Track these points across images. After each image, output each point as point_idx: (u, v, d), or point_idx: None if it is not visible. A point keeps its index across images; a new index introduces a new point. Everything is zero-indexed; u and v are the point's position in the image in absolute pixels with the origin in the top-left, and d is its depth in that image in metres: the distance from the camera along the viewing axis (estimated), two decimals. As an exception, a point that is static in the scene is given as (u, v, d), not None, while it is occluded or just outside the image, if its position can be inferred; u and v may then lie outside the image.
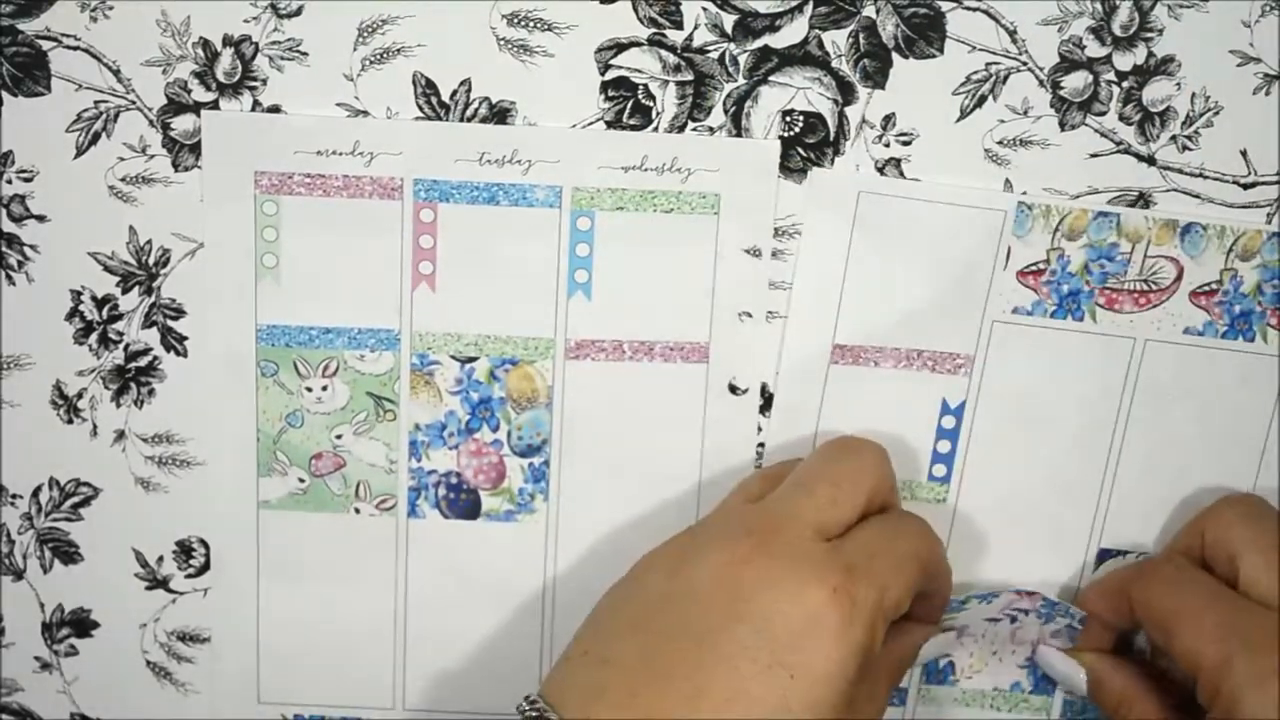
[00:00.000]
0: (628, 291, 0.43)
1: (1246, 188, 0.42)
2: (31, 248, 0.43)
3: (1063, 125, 0.42)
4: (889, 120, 0.42)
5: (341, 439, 0.44)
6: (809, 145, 0.42)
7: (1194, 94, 0.42)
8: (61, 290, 0.43)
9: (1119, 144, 0.42)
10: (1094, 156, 0.42)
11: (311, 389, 0.44)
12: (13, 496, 0.45)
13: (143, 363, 0.44)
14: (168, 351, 0.44)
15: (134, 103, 0.42)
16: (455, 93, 0.42)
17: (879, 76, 0.42)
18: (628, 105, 0.42)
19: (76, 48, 0.41)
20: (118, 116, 0.42)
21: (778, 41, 0.41)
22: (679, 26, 0.41)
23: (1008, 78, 0.42)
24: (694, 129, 0.42)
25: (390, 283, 0.43)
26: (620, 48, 0.41)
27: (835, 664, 0.35)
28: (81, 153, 0.42)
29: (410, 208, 0.42)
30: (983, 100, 0.42)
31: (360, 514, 0.45)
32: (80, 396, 0.44)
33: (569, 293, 0.43)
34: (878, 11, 0.41)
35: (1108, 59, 0.41)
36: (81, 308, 0.44)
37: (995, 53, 0.41)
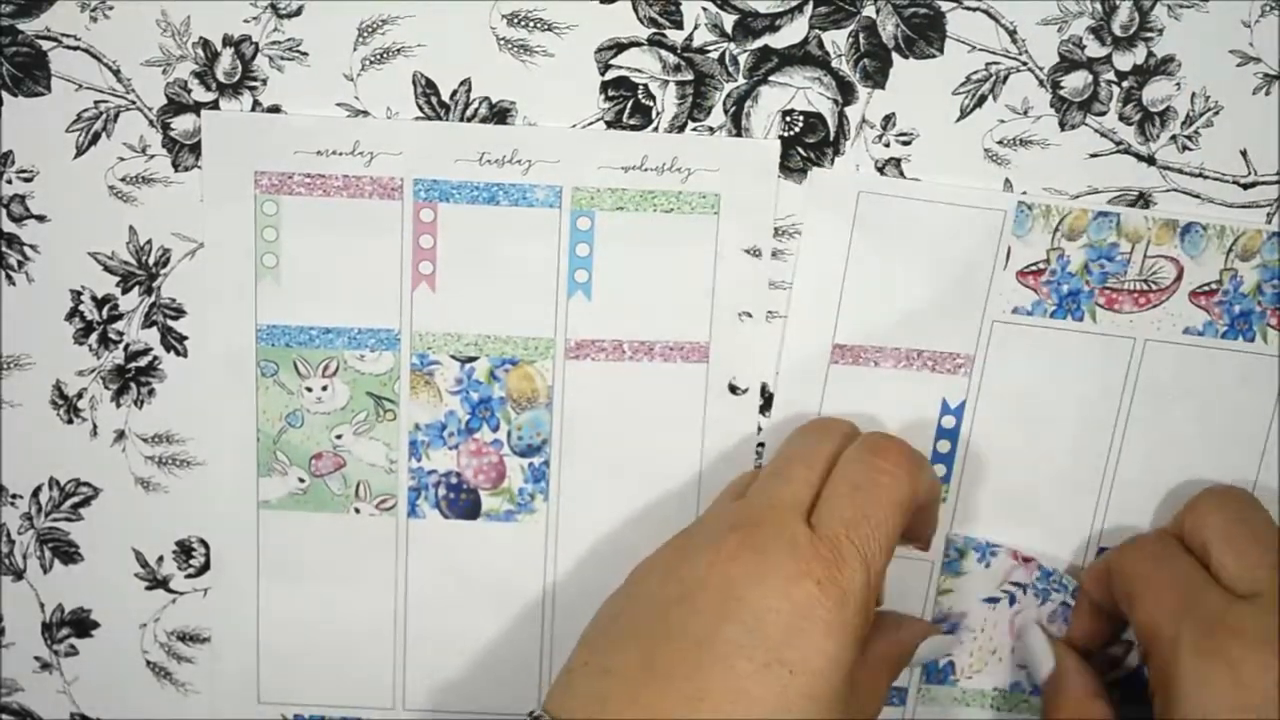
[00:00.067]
0: (628, 291, 0.43)
1: (1246, 188, 0.42)
2: (31, 248, 0.43)
3: (1063, 125, 0.42)
4: (889, 120, 0.42)
5: (341, 439, 0.44)
6: (809, 145, 0.42)
7: (1194, 94, 0.42)
8: (61, 290, 0.43)
9: (1119, 144, 0.42)
10: (1094, 156, 0.42)
11: (311, 389, 0.44)
12: (13, 496, 0.45)
13: (143, 363, 0.44)
14: (168, 351, 0.44)
15: (134, 103, 0.42)
16: (455, 93, 0.42)
17: (879, 76, 0.42)
18: (628, 105, 0.42)
19: (76, 48, 0.41)
20: (118, 116, 0.42)
21: (778, 41, 0.41)
22: (679, 26, 0.41)
23: (1008, 78, 0.42)
24: (694, 129, 0.42)
25: (390, 282, 0.43)
26: (620, 48, 0.41)
27: (832, 656, 0.35)
28: (81, 153, 0.42)
29: (410, 208, 0.42)
30: (983, 100, 0.42)
31: (360, 514, 0.45)
32: (80, 396, 0.44)
33: (569, 292, 0.43)
34: (878, 11, 0.41)
35: (1108, 59, 0.41)
36: (81, 308, 0.44)
37: (995, 53, 0.41)
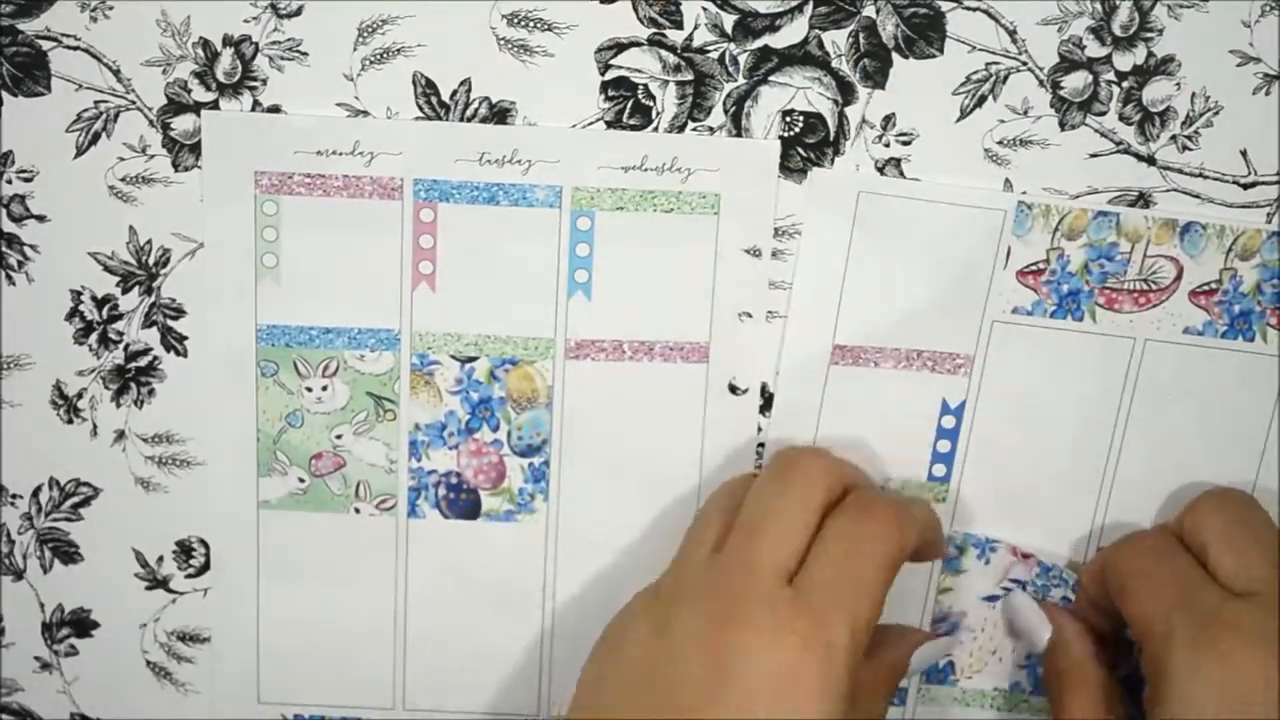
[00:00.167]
0: (628, 291, 0.43)
1: (1246, 188, 0.42)
2: (31, 248, 0.43)
3: (1063, 125, 0.42)
4: (889, 120, 0.42)
5: (341, 439, 0.44)
6: (809, 145, 0.42)
7: (1194, 94, 0.42)
8: (61, 290, 0.43)
9: (1119, 144, 0.42)
10: (1094, 156, 0.42)
11: (311, 389, 0.44)
12: (13, 496, 0.45)
13: (143, 363, 0.44)
14: (168, 351, 0.44)
15: (134, 103, 0.42)
16: (455, 93, 0.42)
17: (879, 76, 0.42)
18: (628, 105, 0.42)
19: (76, 48, 0.41)
20: (118, 116, 0.42)
21: (778, 41, 0.41)
22: (679, 26, 0.41)
23: (1008, 78, 0.42)
24: (694, 129, 0.42)
25: (390, 282, 0.43)
26: (620, 48, 0.41)
27: (823, 714, 0.35)
28: (81, 153, 0.42)
29: (410, 207, 0.42)
30: (983, 100, 0.42)
31: (360, 514, 0.45)
32: (80, 396, 0.44)
33: (569, 293, 0.43)
34: (878, 11, 0.41)
35: (1108, 59, 0.41)
36: (81, 308, 0.44)
37: (995, 53, 0.41)
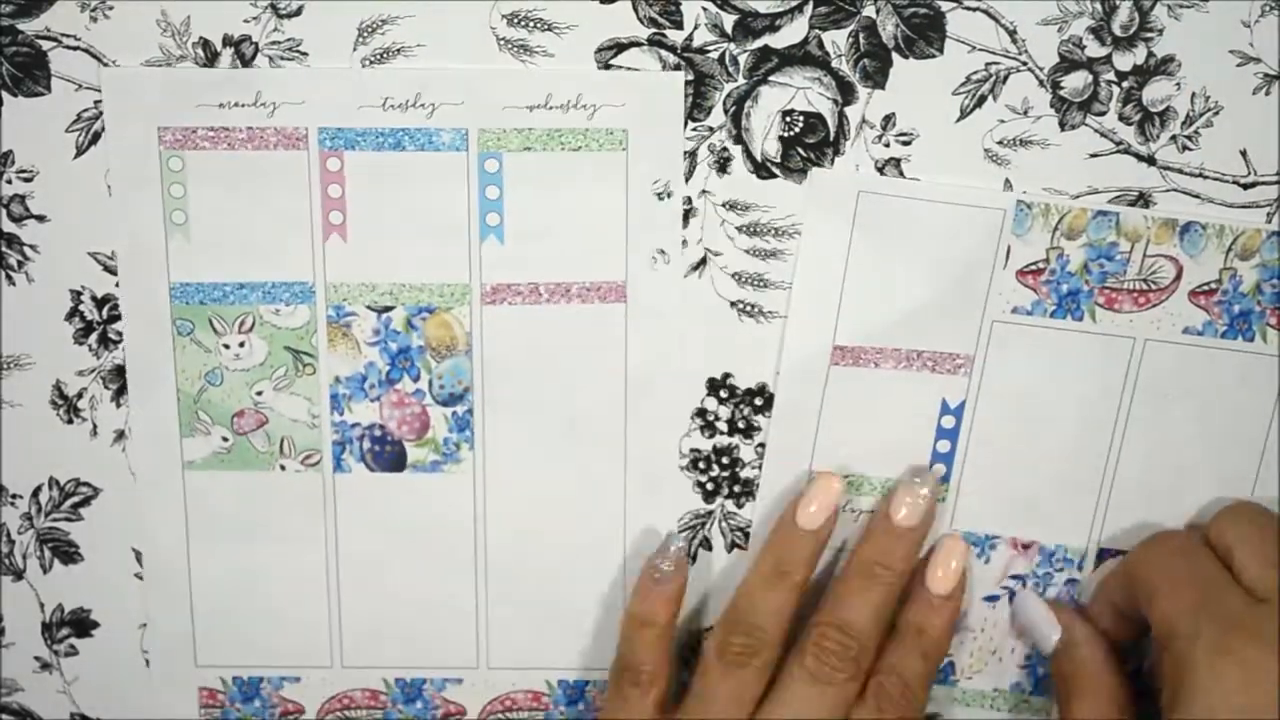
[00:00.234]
0: (541, 233, 0.43)
1: (1246, 188, 0.42)
2: (31, 248, 0.43)
3: (1063, 125, 0.42)
4: (889, 120, 0.42)
5: (262, 395, 0.44)
6: (809, 145, 0.42)
7: (1194, 94, 0.42)
8: (61, 290, 0.43)
9: (1119, 144, 0.42)
10: (1094, 156, 0.42)
11: (229, 346, 0.44)
12: (13, 496, 0.45)
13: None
14: (168, 351, 0.44)
15: (134, 103, 0.42)
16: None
17: (879, 76, 0.42)
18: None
19: (76, 48, 0.41)
20: (118, 116, 0.42)
21: (778, 41, 0.41)
22: (679, 26, 0.41)
23: (1008, 78, 0.42)
24: (693, 129, 0.42)
25: (301, 234, 0.43)
26: (620, 48, 0.41)
27: None
28: (81, 153, 0.42)
29: (316, 157, 0.42)
30: (983, 100, 0.42)
31: (286, 470, 0.45)
32: (80, 396, 0.44)
33: (481, 237, 0.43)
34: (878, 11, 0.41)
35: (1108, 59, 0.41)
36: (81, 308, 0.44)
37: (995, 53, 0.41)
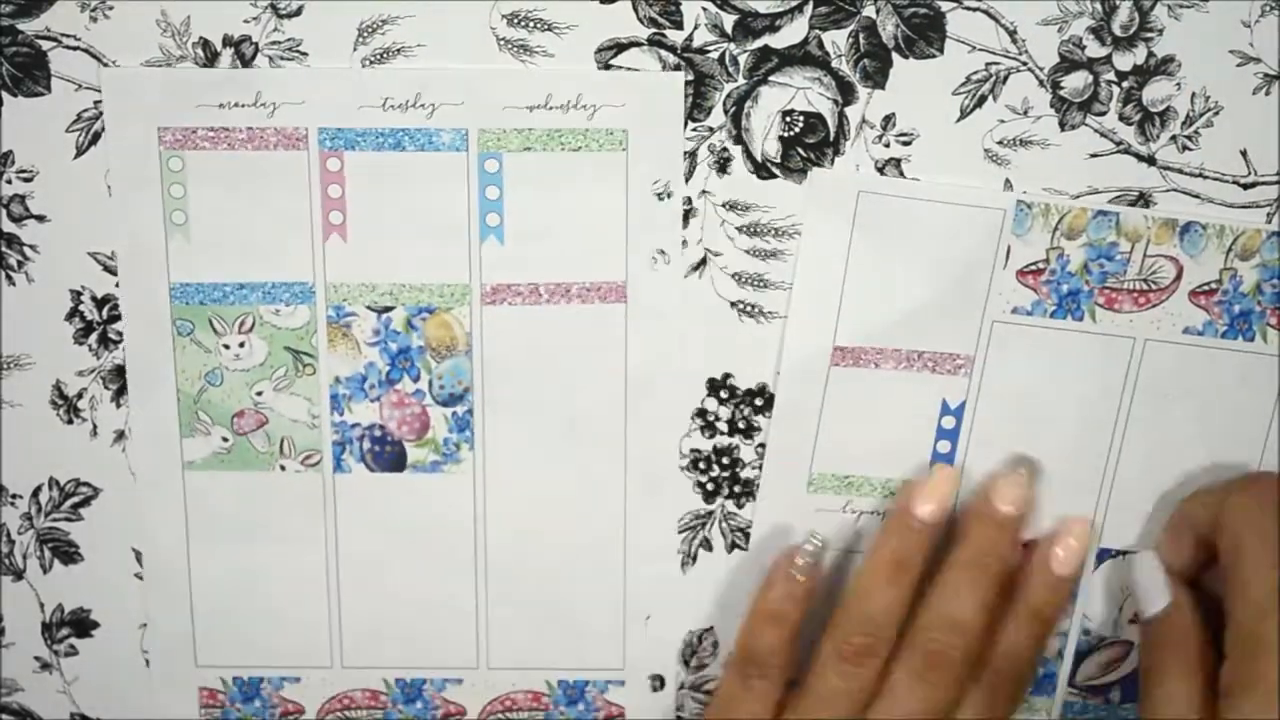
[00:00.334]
0: (541, 233, 0.43)
1: (1246, 188, 0.42)
2: (31, 248, 0.43)
3: (1063, 125, 0.42)
4: (889, 120, 0.42)
5: (262, 395, 0.44)
6: (809, 145, 0.42)
7: (1194, 94, 0.42)
8: (61, 290, 0.43)
9: (1119, 144, 0.42)
10: (1094, 156, 0.42)
11: (229, 346, 0.44)
12: (13, 496, 0.45)
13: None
14: (168, 351, 0.44)
15: (134, 103, 0.42)
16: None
17: (879, 76, 0.42)
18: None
19: (76, 48, 0.41)
20: (118, 116, 0.42)
21: (778, 41, 0.41)
22: (679, 26, 0.41)
23: (1008, 78, 0.42)
24: (693, 129, 0.42)
25: (301, 234, 0.43)
26: (620, 48, 0.41)
27: None
28: (81, 153, 0.42)
29: (316, 157, 0.42)
30: (983, 100, 0.42)
31: (286, 471, 0.45)
32: (80, 396, 0.44)
33: (482, 237, 0.43)
34: (878, 11, 0.41)
35: (1108, 59, 0.41)
36: (81, 308, 0.44)
37: (995, 53, 0.41)
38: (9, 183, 0.42)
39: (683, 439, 0.45)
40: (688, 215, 0.43)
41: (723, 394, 0.44)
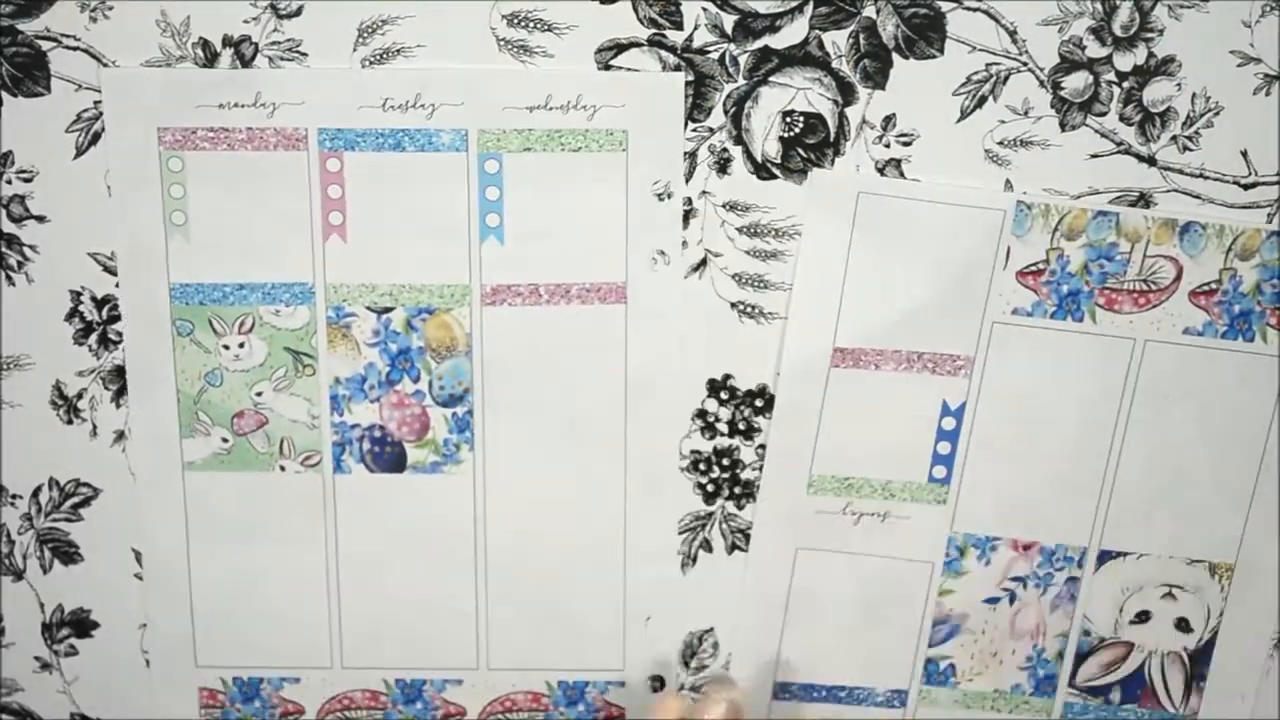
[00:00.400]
0: (541, 234, 0.43)
1: (1247, 188, 0.42)
2: (31, 248, 0.43)
3: (1063, 125, 0.42)
4: (889, 121, 0.42)
5: (262, 396, 0.44)
6: (809, 146, 0.42)
7: (1194, 94, 0.42)
8: (61, 290, 0.43)
9: (1119, 144, 0.42)
10: (1094, 157, 0.42)
11: (229, 346, 0.44)
12: (13, 496, 0.45)
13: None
14: (168, 352, 0.44)
15: (134, 103, 0.42)
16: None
17: (879, 77, 0.42)
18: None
19: (76, 48, 0.41)
20: (118, 117, 0.42)
21: (778, 42, 0.41)
22: (679, 27, 0.41)
23: (1008, 78, 0.42)
24: (694, 129, 0.42)
25: (301, 235, 0.43)
26: (620, 48, 0.41)
27: None
28: (81, 153, 0.42)
29: (316, 158, 0.42)
30: (983, 100, 0.42)
31: (286, 471, 0.45)
32: (80, 397, 0.44)
33: (481, 237, 0.43)
34: (878, 12, 0.41)
35: (1108, 59, 0.41)
36: (81, 308, 0.44)
37: (995, 53, 0.41)
38: (9, 183, 0.42)
39: (683, 440, 0.45)
40: (688, 216, 0.43)
41: (723, 395, 0.44)
